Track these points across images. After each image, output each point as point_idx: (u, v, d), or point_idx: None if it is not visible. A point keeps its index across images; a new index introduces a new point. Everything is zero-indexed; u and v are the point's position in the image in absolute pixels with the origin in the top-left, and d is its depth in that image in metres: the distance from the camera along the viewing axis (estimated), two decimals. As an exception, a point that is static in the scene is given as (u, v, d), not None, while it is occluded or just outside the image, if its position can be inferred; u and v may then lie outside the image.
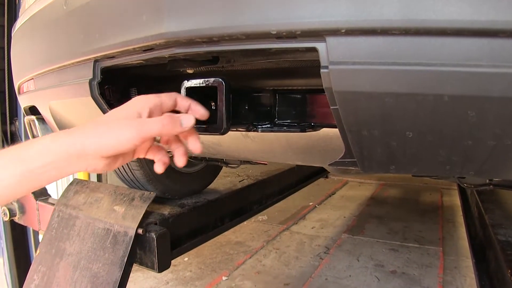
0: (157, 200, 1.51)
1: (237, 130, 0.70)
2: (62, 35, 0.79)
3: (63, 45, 0.78)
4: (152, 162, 0.55)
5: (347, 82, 0.46)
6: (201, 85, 0.60)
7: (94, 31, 0.67)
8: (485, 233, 1.45)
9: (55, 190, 2.97)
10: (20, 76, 1.10)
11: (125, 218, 1.25)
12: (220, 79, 0.57)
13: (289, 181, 2.38)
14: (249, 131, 0.68)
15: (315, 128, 0.67)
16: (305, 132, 0.66)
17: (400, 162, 0.56)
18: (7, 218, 1.90)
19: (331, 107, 0.50)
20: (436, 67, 0.43)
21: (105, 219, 1.29)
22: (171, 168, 1.60)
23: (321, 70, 0.47)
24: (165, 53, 0.58)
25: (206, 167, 1.76)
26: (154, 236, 1.19)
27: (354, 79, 0.46)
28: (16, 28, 1.11)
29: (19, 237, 2.31)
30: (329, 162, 0.63)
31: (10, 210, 1.88)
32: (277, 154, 0.84)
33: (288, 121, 0.72)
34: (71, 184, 1.60)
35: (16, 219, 1.90)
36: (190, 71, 0.81)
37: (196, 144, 0.54)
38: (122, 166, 1.55)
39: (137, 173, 1.51)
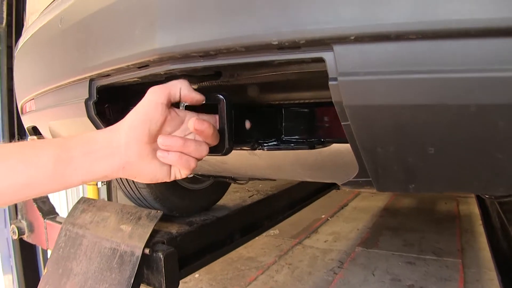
0: (165, 218, 1.48)
1: (241, 149, 0.65)
2: (58, 54, 0.77)
3: (60, 64, 0.76)
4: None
5: (359, 95, 0.41)
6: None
7: (88, 49, 0.64)
8: (510, 245, 1.37)
9: (65, 208, 2.97)
10: (22, 96, 1.08)
11: (131, 237, 1.22)
12: (220, 96, 0.53)
13: (300, 195, 2.32)
14: (254, 149, 0.64)
15: (325, 144, 0.62)
16: (314, 148, 0.61)
17: (420, 180, 0.51)
18: (16, 237, 1.91)
19: (342, 123, 0.45)
20: (460, 74, 0.37)
21: (111, 239, 1.26)
22: (178, 185, 1.57)
23: (330, 82, 0.42)
24: (160, 69, 0.55)
25: (214, 183, 1.72)
26: (161, 256, 1.16)
27: (366, 91, 0.41)
28: (18, 48, 1.10)
29: (28, 256, 2.32)
30: (342, 181, 0.58)
31: (19, 228, 1.89)
32: (285, 171, 0.80)
33: (296, 137, 0.67)
34: (78, 202, 1.59)
35: (25, 237, 1.91)
36: (194, 87, 0.77)
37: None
38: (129, 185, 1.52)
39: (143, 192, 1.48)
